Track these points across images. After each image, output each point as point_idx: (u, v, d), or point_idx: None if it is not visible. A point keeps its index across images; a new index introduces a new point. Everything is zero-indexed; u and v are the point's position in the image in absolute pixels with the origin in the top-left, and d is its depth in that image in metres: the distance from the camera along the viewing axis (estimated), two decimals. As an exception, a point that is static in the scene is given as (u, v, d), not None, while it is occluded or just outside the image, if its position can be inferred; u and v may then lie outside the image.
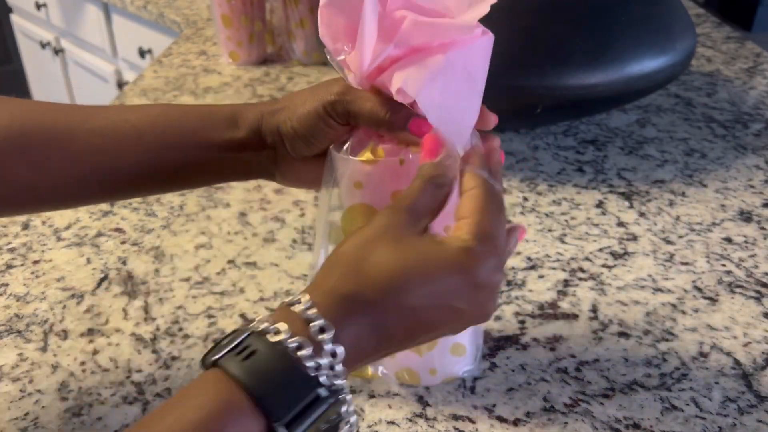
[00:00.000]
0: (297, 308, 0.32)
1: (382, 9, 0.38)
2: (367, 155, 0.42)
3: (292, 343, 0.31)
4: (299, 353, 0.31)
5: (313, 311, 0.32)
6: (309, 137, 0.43)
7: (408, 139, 0.41)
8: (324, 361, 0.31)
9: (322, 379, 0.31)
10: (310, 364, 0.31)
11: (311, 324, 0.32)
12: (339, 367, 0.31)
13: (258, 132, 0.45)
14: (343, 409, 0.32)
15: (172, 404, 0.30)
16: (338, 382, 0.31)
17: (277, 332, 0.31)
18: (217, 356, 0.31)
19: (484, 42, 0.40)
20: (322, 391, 0.31)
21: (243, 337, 0.32)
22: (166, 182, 0.47)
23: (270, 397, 0.29)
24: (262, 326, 0.32)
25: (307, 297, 0.33)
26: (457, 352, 0.49)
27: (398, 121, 0.40)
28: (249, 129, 0.45)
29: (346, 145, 0.43)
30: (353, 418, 0.32)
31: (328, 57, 0.42)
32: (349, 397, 0.32)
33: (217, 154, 0.45)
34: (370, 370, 0.51)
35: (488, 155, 0.41)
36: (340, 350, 0.32)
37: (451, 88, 0.39)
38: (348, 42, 0.40)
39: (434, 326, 0.36)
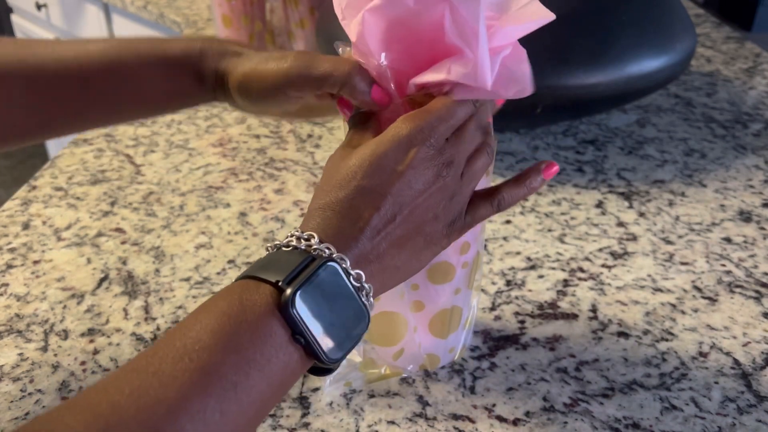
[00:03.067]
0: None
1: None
2: None
3: (291, 239, 0.35)
4: (292, 244, 0.35)
5: (297, 232, 0.36)
6: (272, 107, 0.46)
7: (366, 105, 0.42)
8: (318, 245, 0.35)
9: (317, 250, 0.34)
10: (305, 244, 0.35)
11: (302, 239, 0.35)
12: (333, 249, 0.35)
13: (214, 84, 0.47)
14: (343, 267, 0.34)
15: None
16: (333, 253, 0.34)
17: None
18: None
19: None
20: (317, 255, 0.34)
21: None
22: (119, 116, 0.50)
23: (270, 269, 0.33)
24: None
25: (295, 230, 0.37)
26: (468, 325, 0.52)
27: (362, 85, 0.41)
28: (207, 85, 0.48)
29: None
30: (361, 279, 0.35)
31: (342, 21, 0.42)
32: (348, 263, 0.34)
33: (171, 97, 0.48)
34: (387, 369, 0.51)
35: None
36: (327, 245, 0.35)
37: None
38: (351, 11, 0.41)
39: (397, 197, 0.37)
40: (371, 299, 0.35)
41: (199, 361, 0.29)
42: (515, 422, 0.48)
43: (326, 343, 0.33)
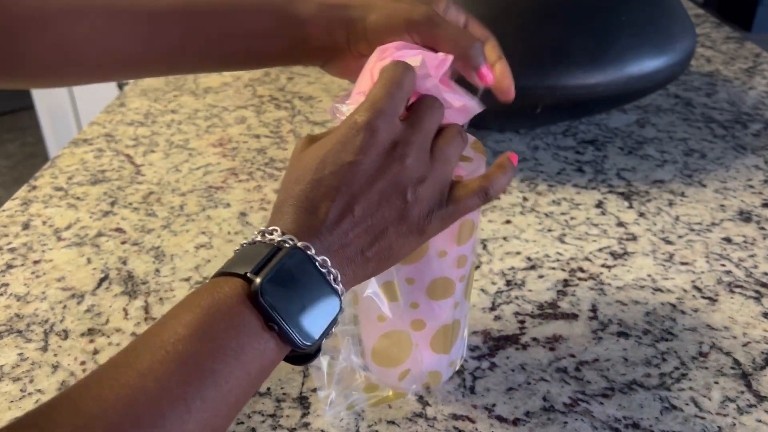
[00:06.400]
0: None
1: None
2: None
3: (256, 236, 0.36)
4: (257, 240, 0.35)
5: (262, 228, 0.36)
6: (377, 42, 0.44)
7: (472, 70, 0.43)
8: (281, 237, 0.35)
9: (280, 242, 0.35)
10: (269, 239, 0.35)
11: (265, 234, 0.36)
12: (296, 240, 0.35)
13: (319, 26, 0.47)
14: (308, 254, 0.34)
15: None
16: (299, 243, 0.35)
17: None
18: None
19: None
20: (281, 246, 0.34)
21: None
22: (219, 65, 0.51)
23: (238, 264, 0.34)
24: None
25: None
26: (464, 336, 0.52)
27: (476, 57, 0.43)
28: (310, 23, 0.47)
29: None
30: (327, 265, 0.35)
31: None
32: (313, 251, 0.34)
33: (271, 48, 0.49)
34: (391, 392, 0.50)
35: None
36: (290, 237, 0.35)
37: None
38: None
39: (349, 187, 0.36)
40: (341, 285, 0.35)
41: (175, 352, 0.30)
42: (515, 422, 0.48)
43: (299, 328, 0.33)
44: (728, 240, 0.67)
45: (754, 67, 1.06)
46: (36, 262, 0.65)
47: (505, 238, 0.67)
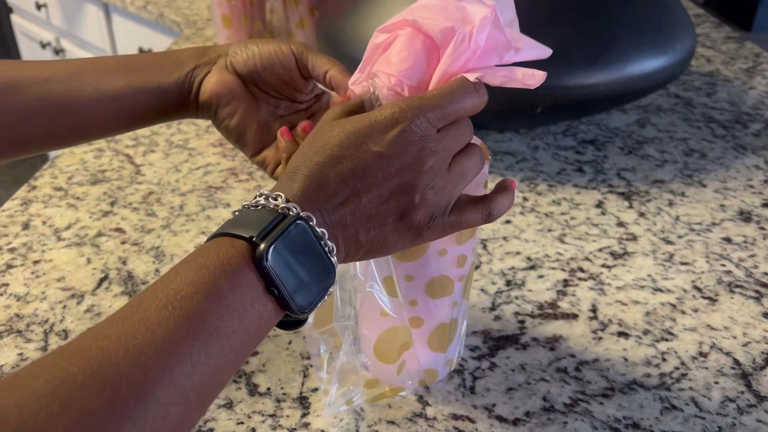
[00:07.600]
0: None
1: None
2: None
3: (259, 198, 0.36)
4: (261, 203, 0.36)
5: (265, 192, 0.37)
6: (264, 72, 0.48)
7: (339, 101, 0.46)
8: (285, 203, 0.36)
9: (284, 209, 0.35)
10: (273, 204, 0.36)
11: (269, 198, 0.36)
12: (299, 209, 0.35)
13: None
14: (310, 225, 0.35)
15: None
16: (302, 213, 0.35)
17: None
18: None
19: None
20: (286, 213, 0.35)
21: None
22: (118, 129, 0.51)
23: (242, 226, 0.34)
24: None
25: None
26: (462, 334, 0.51)
27: (344, 84, 0.46)
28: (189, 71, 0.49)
29: None
30: (325, 238, 0.36)
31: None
32: (314, 222, 0.35)
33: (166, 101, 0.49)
34: (388, 388, 0.50)
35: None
36: (294, 205, 0.36)
37: None
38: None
39: (366, 175, 0.37)
40: (335, 257, 0.36)
41: (182, 309, 0.31)
42: (515, 422, 0.48)
43: (296, 295, 0.34)
44: (728, 240, 0.67)
45: (754, 67, 1.06)
46: (36, 262, 0.65)
47: (505, 238, 0.67)
